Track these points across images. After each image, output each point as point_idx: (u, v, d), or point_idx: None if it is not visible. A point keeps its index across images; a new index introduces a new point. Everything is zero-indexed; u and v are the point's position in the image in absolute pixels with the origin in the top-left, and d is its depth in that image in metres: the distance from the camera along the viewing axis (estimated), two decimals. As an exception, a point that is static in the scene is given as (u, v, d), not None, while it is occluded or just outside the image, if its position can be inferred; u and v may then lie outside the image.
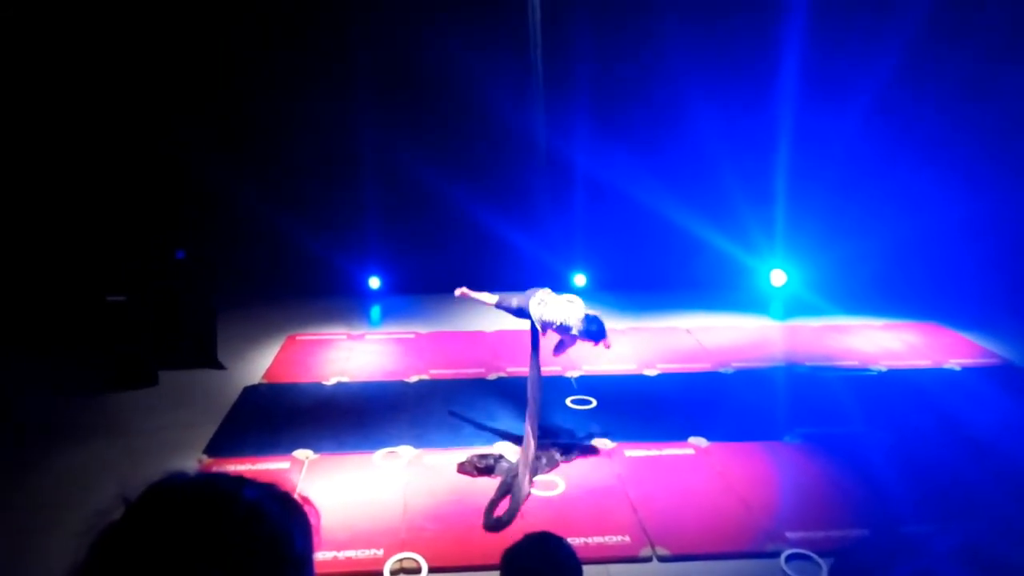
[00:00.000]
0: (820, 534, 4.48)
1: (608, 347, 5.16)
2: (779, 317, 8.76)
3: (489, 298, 5.47)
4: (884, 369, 7.11)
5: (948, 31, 8.63)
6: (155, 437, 5.77)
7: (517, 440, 5.66)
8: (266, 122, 9.04)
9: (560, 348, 5.25)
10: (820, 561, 4.27)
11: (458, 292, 5.57)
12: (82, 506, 4.55)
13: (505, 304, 5.36)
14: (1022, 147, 8.92)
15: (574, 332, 4.97)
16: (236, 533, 0.86)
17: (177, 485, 0.91)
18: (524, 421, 5.20)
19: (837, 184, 9.03)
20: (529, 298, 5.21)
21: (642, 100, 9.21)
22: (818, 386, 6.71)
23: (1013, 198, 8.96)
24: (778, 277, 9.54)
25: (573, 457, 5.40)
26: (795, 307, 8.95)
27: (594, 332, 4.94)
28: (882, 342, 7.82)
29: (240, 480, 0.93)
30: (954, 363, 7.24)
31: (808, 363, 7.24)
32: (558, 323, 4.98)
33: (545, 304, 5.09)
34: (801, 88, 8.93)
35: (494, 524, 4.65)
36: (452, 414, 6.18)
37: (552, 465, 5.28)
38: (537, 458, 5.25)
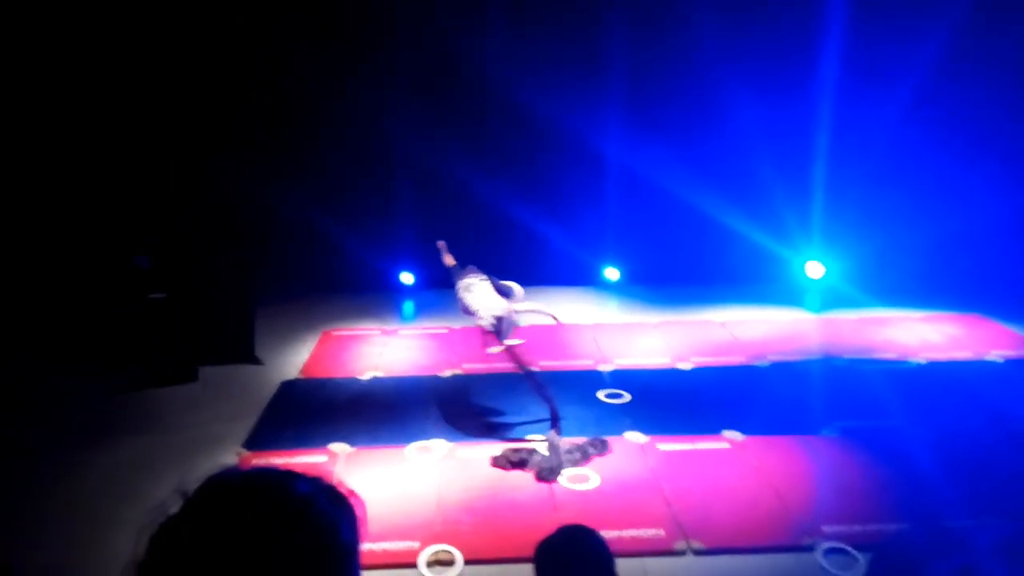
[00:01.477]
0: (857, 528, 4.44)
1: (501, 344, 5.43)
2: (815, 310, 8.66)
3: (449, 261, 5.94)
4: (924, 361, 7.00)
5: (996, 16, 8.38)
6: (195, 432, 5.89)
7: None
8: (300, 119, 9.15)
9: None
10: (857, 555, 4.23)
11: (440, 244, 5.98)
12: (127, 500, 4.69)
13: (452, 275, 5.81)
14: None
15: (481, 323, 5.40)
16: (288, 525, 0.89)
17: (232, 479, 0.95)
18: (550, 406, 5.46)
19: (876, 174, 8.86)
20: (460, 279, 5.65)
21: (676, 90, 9.12)
22: (856, 379, 6.62)
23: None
24: (815, 269, 9.42)
25: (607, 451, 5.41)
26: (832, 299, 8.83)
27: (496, 331, 5.36)
28: (922, 334, 7.69)
29: (290, 474, 0.97)
30: (996, 355, 7.10)
31: (845, 356, 7.15)
32: (472, 309, 5.46)
33: (467, 290, 5.56)
34: (841, 75, 8.74)
35: (548, 473, 4.98)
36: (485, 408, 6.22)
37: (586, 458, 5.29)
38: (570, 451, 5.28)
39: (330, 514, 0.93)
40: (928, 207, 8.84)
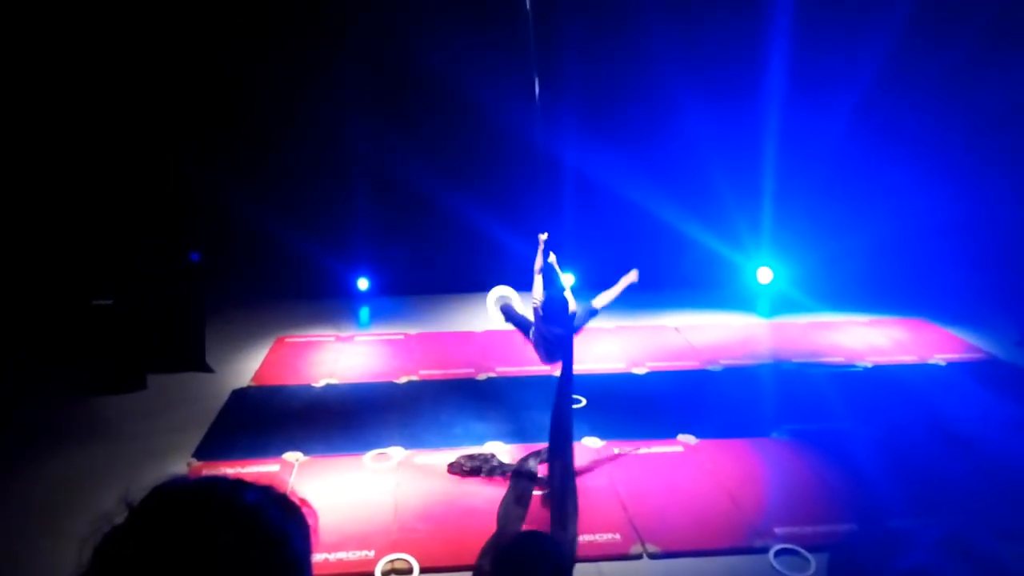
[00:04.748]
0: (808, 529, 4.53)
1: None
2: (766, 314, 8.82)
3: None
4: (870, 365, 7.18)
5: (932, 29, 8.71)
6: (144, 441, 5.74)
7: (506, 439, 5.69)
8: (255, 124, 9.01)
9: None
10: (808, 556, 4.31)
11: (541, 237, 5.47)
12: (73, 511, 4.56)
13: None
14: (1004, 144, 9.03)
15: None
16: (237, 536, 0.88)
17: (178, 489, 0.93)
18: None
19: (823, 182, 9.10)
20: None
21: (630, 99, 9.24)
22: (805, 383, 6.76)
23: (996, 194, 9.08)
24: (765, 275, 9.60)
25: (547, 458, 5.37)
26: (782, 304, 9.02)
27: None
28: (868, 338, 7.89)
29: (239, 483, 0.95)
30: (939, 358, 7.32)
31: (795, 360, 7.30)
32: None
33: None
34: (787, 87, 8.99)
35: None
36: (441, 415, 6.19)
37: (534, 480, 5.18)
38: (524, 460, 5.26)
39: (281, 524, 0.92)
40: (871, 213, 9.11)
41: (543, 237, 5.43)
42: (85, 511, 4.42)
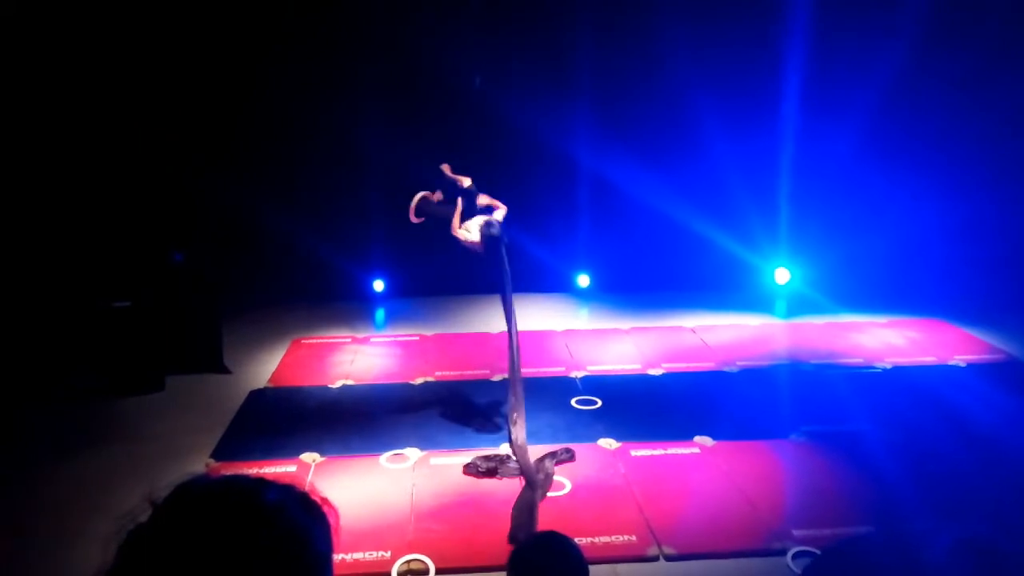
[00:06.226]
0: (827, 532, 4.47)
1: None
2: (783, 315, 8.77)
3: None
4: (889, 366, 7.12)
5: (949, 31, 8.64)
6: (163, 442, 5.79)
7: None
8: (270, 126, 9.06)
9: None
10: (827, 559, 4.27)
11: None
12: (94, 511, 4.60)
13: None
14: (1022, 144, 8.94)
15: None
16: (258, 534, 0.88)
17: (201, 487, 0.94)
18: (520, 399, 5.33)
19: (840, 182, 9.03)
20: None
21: (646, 99, 9.20)
22: (823, 384, 6.71)
23: (1015, 194, 8.97)
24: (782, 275, 9.54)
25: (564, 458, 5.38)
26: (799, 305, 8.96)
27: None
28: (887, 339, 7.82)
29: (261, 481, 0.96)
30: (959, 359, 7.25)
31: (812, 361, 7.25)
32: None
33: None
34: (804, 88, 8.93)
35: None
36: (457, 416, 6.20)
37: (549, 481, 5.17)
38: (540, 460, 5.24)
39: (302, 523, 0.92)
40: (890, 212, 9.03)
41: (446, 167, 5.65)
42: (105, 511, 4.46)
